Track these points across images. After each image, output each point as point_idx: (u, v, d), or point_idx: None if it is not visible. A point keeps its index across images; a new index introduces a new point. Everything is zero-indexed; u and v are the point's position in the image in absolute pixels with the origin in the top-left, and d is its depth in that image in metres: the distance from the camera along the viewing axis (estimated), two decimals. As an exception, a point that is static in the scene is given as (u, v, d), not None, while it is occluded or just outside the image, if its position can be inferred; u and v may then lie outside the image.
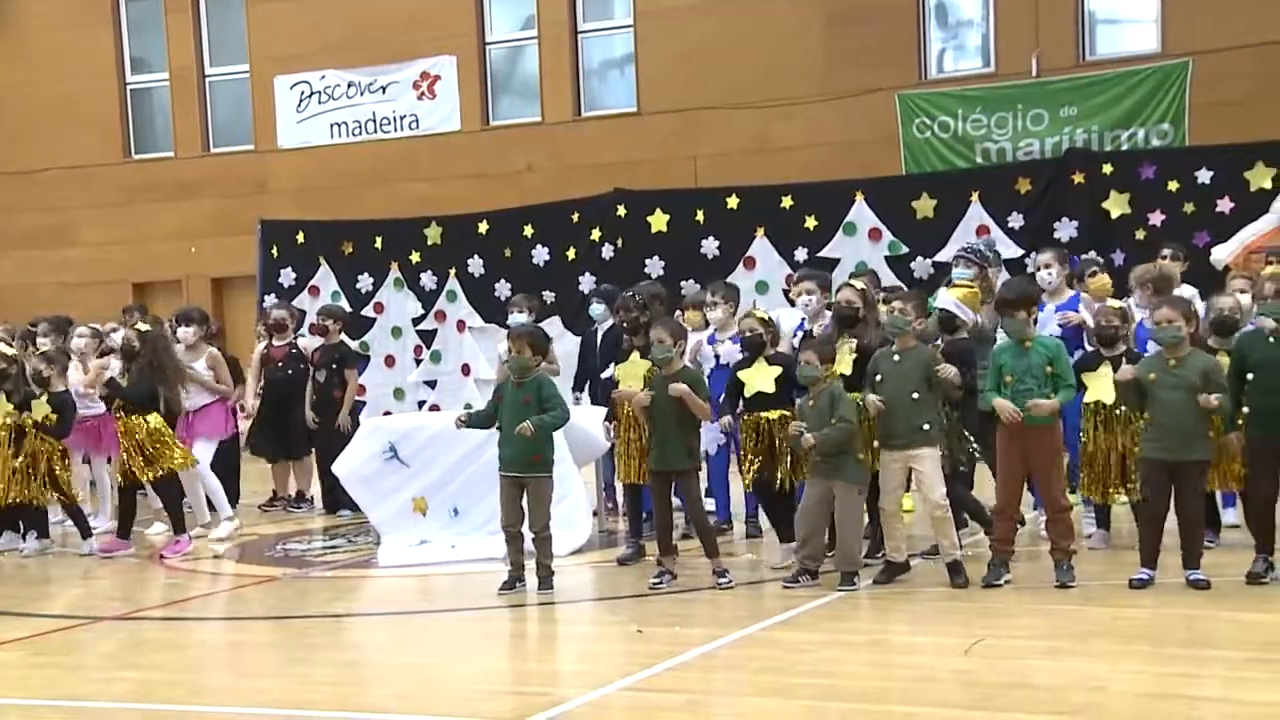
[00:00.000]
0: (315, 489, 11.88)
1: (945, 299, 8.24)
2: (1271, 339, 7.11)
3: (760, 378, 8.09)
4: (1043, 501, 7.82)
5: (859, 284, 8.26)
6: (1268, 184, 12.96)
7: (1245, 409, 7.18)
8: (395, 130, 17.99)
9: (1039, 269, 9.21)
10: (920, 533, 8.29)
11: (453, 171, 17.41)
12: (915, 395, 7.38)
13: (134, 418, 9.59)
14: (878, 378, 7.49)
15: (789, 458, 7.91)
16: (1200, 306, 8.61)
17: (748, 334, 8.23)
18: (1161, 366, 7.20)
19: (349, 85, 18.14)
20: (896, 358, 7.50)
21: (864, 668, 6.02)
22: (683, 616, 7.10)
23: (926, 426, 7.41)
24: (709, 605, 7.38)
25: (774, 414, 8.02)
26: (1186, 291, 8.97)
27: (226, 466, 11.03)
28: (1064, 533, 7.34)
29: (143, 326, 10.09)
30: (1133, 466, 7.70)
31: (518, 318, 10.36)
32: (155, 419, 9.63)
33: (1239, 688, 5.46)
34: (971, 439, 7.90)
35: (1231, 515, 8.44)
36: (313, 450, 11.71)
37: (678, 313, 9.70)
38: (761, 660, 6.27)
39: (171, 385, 9.82)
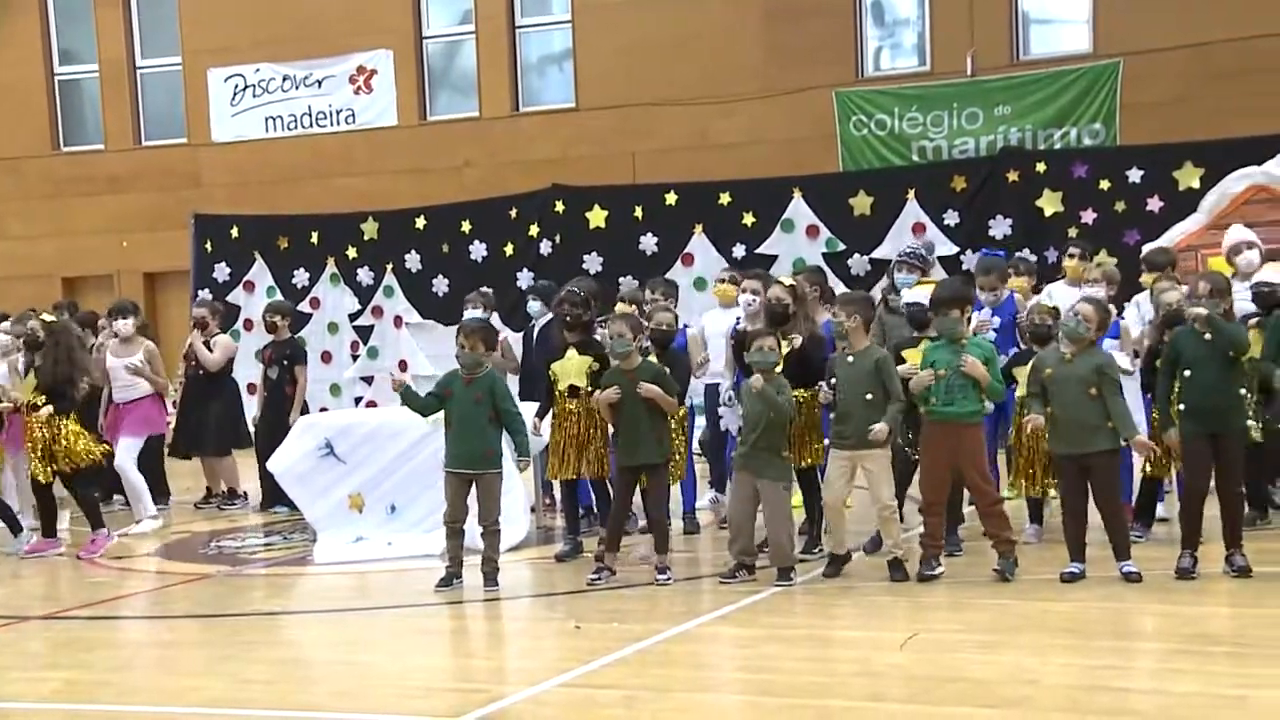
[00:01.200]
0: (247, 485, 11.76)
1: (917, 294, 8.31)
2: (1206, 336, 7.19)
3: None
4: (975, 497, 7.90)
5: (789, 280, 8.32)
6: (1196, 183, 13.18)
7: (1181, 405, 7.27)
8: (331, 125, 17.83)
9: (983, 290, 9.10)
10: (856, 528, 8.33)
11: (390, 166, 17.29)
12: (869, 397, 7.41)
13: (44, 413, 9.38)
14: (833, 380, 7.53)
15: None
16: (1145, 305, 8.79)
17: (664, 327, 8.43)
18: (1058, 361, 7.31)
19: (284, 79, 17.95)
20: (850, 359, 7.54)
21: (801, 662, 6.04)
22: (620, 612, 7.09)
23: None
24: (647, 601, 7.37)
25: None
26: (1099, 292, 9.03)
27: (154, 463, 10.87)
28: (1001, 525, 7.42)
29: (48, 317, 9.88)
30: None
31: (473, 313, 10.32)
32: (70, 420, 9.45)
33: (1168, 679, 5.54)
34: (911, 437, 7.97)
35: (1161, 509, 8.57)
36: (230, 448, 11.70)
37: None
38: (699, 655, 6.29)
39: (79, 377, 9.65)
